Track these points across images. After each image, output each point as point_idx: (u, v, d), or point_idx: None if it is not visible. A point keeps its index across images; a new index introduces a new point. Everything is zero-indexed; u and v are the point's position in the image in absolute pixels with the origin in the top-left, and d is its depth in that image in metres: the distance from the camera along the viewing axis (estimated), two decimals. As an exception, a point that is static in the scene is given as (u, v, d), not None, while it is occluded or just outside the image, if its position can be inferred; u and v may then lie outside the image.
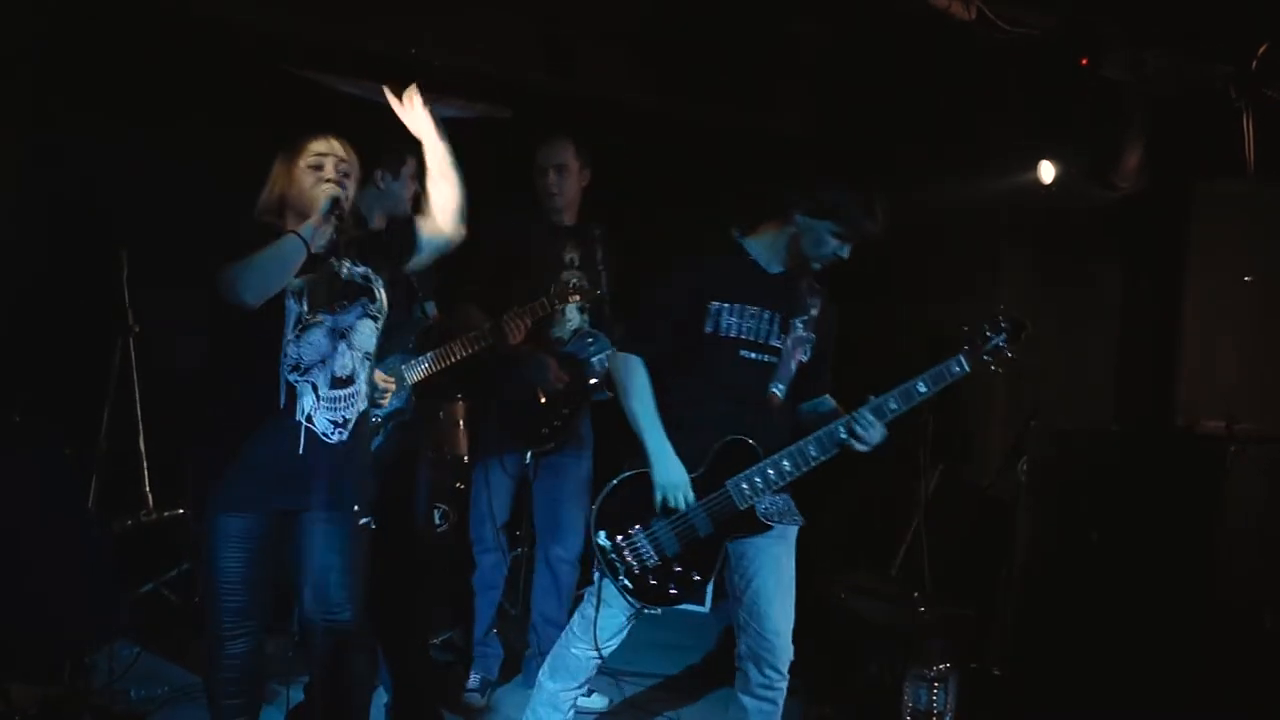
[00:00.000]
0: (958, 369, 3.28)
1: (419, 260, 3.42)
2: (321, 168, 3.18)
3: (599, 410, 4.38)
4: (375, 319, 3.29)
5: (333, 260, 3.18)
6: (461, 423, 4.32)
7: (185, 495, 4.59)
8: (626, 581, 3.26)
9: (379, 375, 3.82)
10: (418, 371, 4.03)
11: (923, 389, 3.27)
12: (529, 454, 4.35)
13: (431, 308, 4.28)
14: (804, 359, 3.39)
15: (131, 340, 4.53)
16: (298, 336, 3.14)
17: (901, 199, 5.28)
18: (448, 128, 3.50)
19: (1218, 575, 4.44)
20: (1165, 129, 4.79)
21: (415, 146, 3.36)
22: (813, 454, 3.28)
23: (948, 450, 5.08)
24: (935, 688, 4.22)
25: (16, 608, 3.89)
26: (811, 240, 3.27)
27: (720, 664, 3.52)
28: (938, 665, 4.24)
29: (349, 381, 3.22)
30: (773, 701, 3.38)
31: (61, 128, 4.64)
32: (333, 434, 3.19)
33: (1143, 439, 4.79)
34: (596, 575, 3.33)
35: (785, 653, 3.36)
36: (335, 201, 3.11)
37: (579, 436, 4.41)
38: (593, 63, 5.24)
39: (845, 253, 3.30)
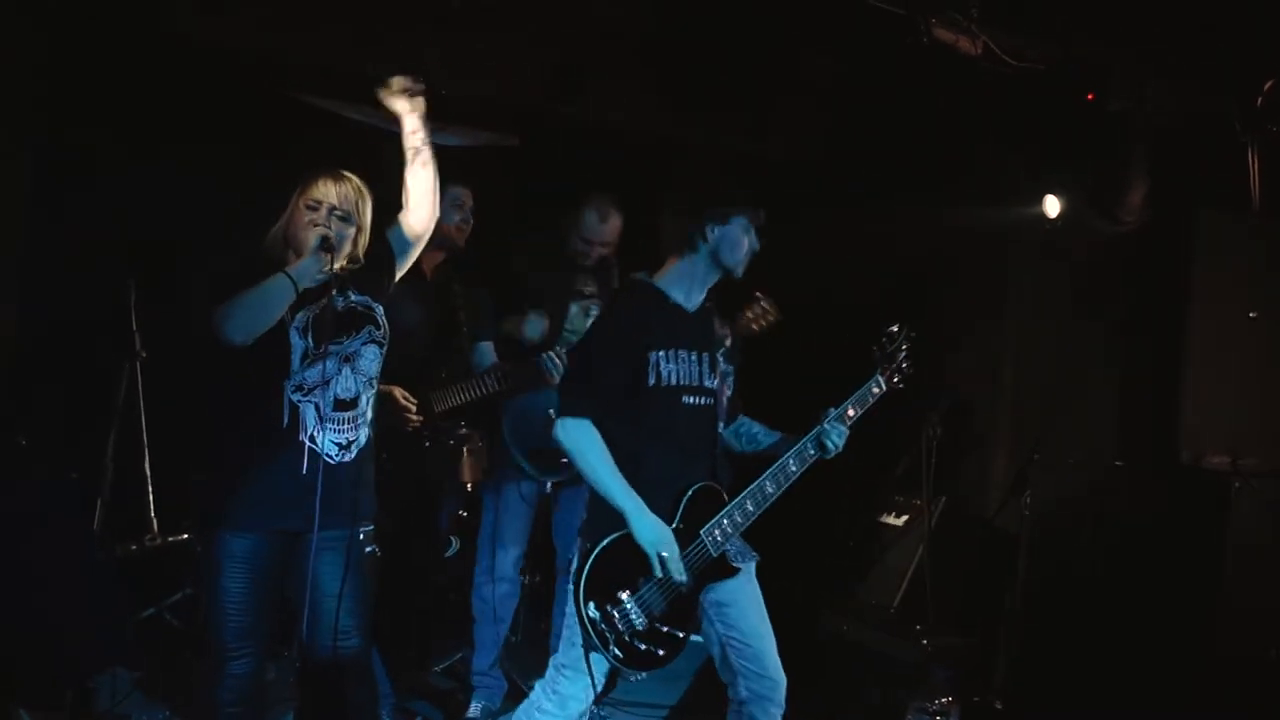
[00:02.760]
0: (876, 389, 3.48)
1: (403, 264, 3.47)
2: (316, 209, 3.24)
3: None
4: (380, 345, 3.35)
5: (334, 293, 3.22)
6: (466, 450, 4.32)
7: (189, 520, 4.60)
8: (617, 651, 3.09)
9: (398, 392, 3.90)
10: (449, 400, 4.07)
11: (876, 390, 3.47)
12: (549, 484, 4.34)
13: (489, 349, 4.29)
14: (729, 392, 3.40)
15: (138, 365, 4.55)
16: (305, 367, 3.20)
17: (907, 231, 5.36)
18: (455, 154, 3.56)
19: (1222, 610, 4.43)
20: (1169, 161, 4.81)
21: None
22: (770, 490, 3.29)
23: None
24: (937, 721, 4.22)
25: (20, 631, 3.89)
26: (730, 246, 3.27)
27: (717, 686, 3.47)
28: (940, 698, 4.24)
29: (352, 404, 3.27)
30: None
31: (70, 152, 4.67)
32: (337, 455, 3.23)
33: (1147, 473, 4.78)
34: (581, 648, 3.14)
35: (784, 683, 3.34)
36: (324, 240, 3.18)
37: None
38: (600, 87, 5.25)
39: (758, 243, 3.32)
